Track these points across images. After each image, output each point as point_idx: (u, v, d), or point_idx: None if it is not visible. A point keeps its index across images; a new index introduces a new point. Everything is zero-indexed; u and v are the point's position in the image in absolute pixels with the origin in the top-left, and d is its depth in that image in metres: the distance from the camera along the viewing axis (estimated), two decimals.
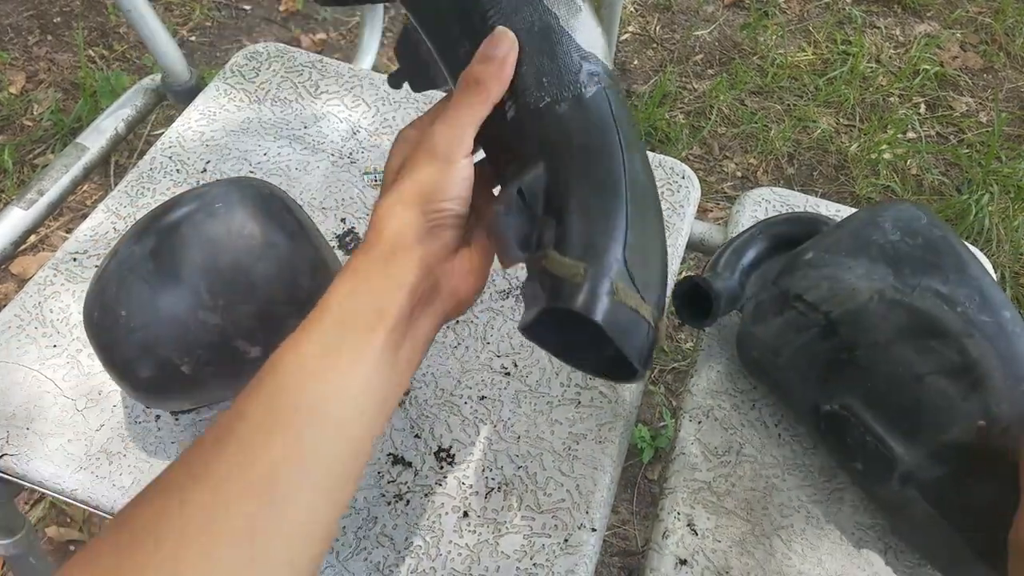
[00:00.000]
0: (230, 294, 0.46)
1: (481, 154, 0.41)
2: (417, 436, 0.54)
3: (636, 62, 1.60)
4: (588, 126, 0.38)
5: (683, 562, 0.50)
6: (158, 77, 0.77)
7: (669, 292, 0.62)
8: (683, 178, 0.69)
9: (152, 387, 0.48)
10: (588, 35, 0.39)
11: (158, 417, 0.54)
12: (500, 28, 0.38)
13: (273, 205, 0.49)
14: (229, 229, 0.47)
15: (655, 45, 1.64)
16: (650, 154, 0.71)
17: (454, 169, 0.37)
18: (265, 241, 0.47)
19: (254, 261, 0.47)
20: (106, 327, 0.47)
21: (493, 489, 0.52)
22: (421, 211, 0.37)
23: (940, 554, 0.48)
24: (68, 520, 1.01)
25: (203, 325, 0.46)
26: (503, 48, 0.38)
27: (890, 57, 1.63)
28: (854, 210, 0.61)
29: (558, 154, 0.38)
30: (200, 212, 0.47)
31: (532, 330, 0.37)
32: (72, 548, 0.99)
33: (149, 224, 0.47)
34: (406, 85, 0.44)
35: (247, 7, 1.64)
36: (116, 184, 0.67)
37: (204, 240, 0.46)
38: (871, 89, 1.56)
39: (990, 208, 1.34)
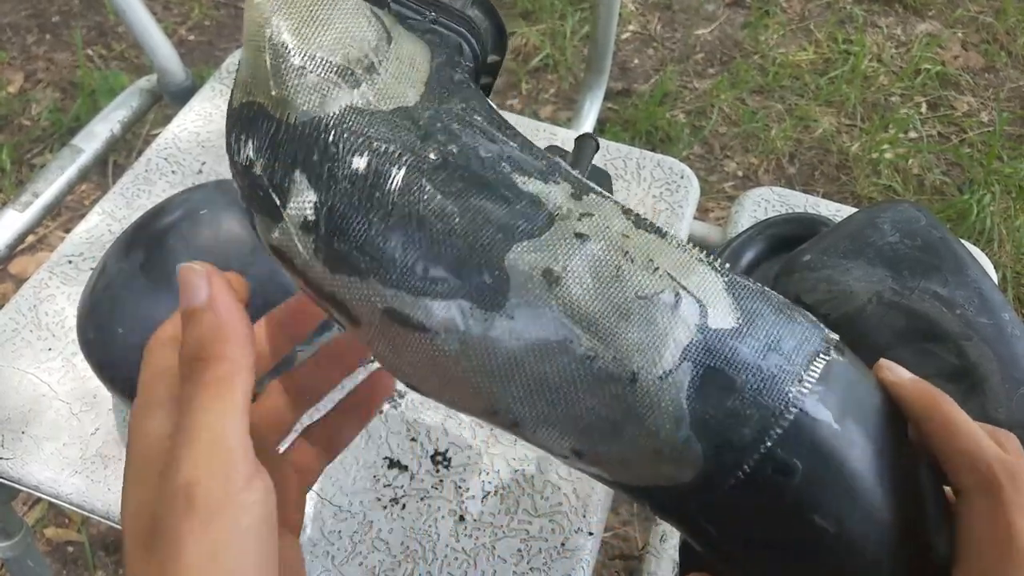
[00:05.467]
0: None
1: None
2: (413, 439, 0.53)
3: (636, 61, 1.60)
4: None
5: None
6: (154, 78, 0.77)
7: None
8: (682, 178, 0.69)
9: None
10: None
11: None
12: (183, 265, 0.26)
13: None
14: (217, 235, 0.46)
15: (655, 44, 1.64)
16: (650, 153, 0.70)
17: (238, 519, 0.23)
18: (255, 243, 0.47)
19: (246, 265, 0.47)
20: (103, 346, 0.47)
21: (490, 493, 0.51)
22: None
23: None
24: (66, 521, 1.01)
25: None
26: (198, 288, 0.26)
27: (891, 56, 1.62)
28: (854, 210, 0.60)
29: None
30: (186, 220, 0.46)
31: None
32: (70, 549, 0.99)
33: (135, 236, 0.47)
34: None
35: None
36: (115, 184, 0.66)
37: (193, 248, 0.46)
38: (872, 88, 1.56)
39: (992, 208, 1.34)
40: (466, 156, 0.24)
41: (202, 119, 0.70)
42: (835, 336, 0.25)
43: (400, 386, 0.55)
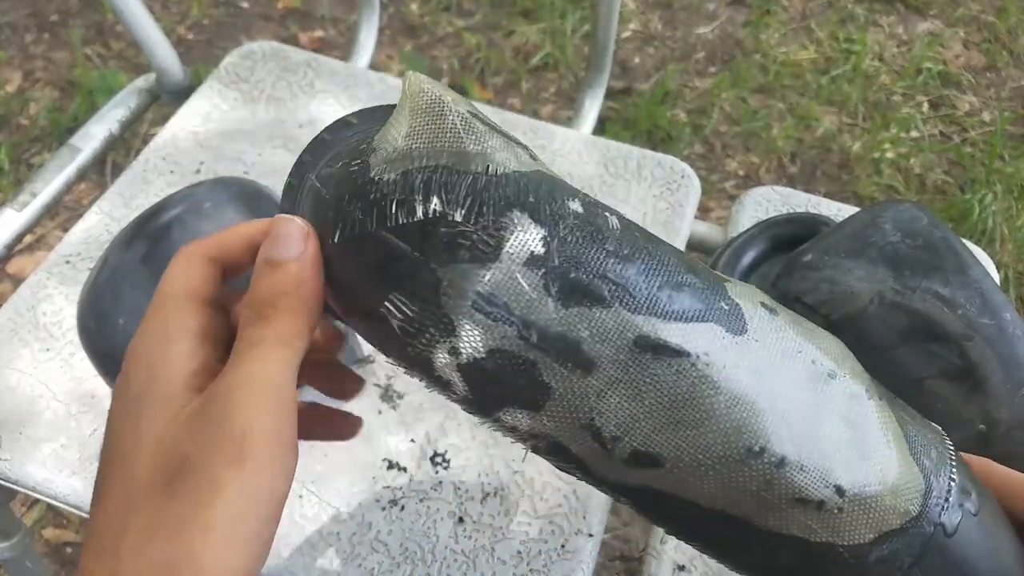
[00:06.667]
0: (229, 292, 0.46)
1: None
2: (412, 440, 0.53)
3: (637, 60, 1.60)
4: None
5: (681, 568, 0.50)
6: (152, 77, 0.77)
7: None
8: (683, 177, 0.68)
9: None
10: None
11: None
12: (283, 216, 0.25)
13: (261, 202, 0.49)
14: (220, 228, 0.46)
15: (656, 43, 1.63)
16: (650, 153, 0.70)
17: (275, 470, 0.23)
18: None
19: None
20: (104, 337, 0.47)
21: (489, 494, 0.51)
22: None
23: None
24: (65, 522, 1.00)
25: None
26: (293, 240, 0.25)
27: (893, 55, 1.62)
28: (856, 209, 0.60)
29: None
30: (189, 213, 0.46)
31: None
32: (68, 550, 0.99)
33: (137, 229, 0.47)
34: None
35: (244, 4, 1.63)
36: (113, 184, 0.66)
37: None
38: (874, 87, 1.55)
39: (993, 208, 1.33)
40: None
41: (200, 118, 0.70)
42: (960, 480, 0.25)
43: (399, 386, 0.55)
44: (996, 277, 0.57)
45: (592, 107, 0.85)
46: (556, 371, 0.22)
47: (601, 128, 1.43)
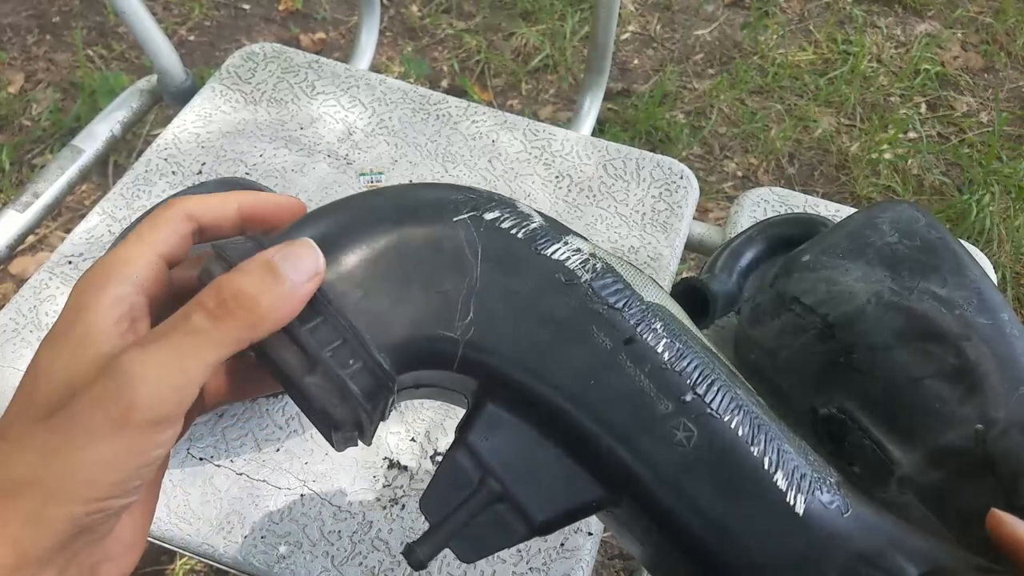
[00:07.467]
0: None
1: None
2: (412, 440, 0.53)
3: (636, 62, 1.60)
4: None
5: None
6: (154, 78, 0.77)
7: None
8: (682, 178, 0.69)
9: None
10: None
11: None
12: (307, 240, 0.26)
13: None
14: None
15: (655, 45, 1.64)
16: (649, 154, 0.70)
17: (154, 440, 0.23)
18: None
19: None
20: None
21: None
22: (69, 519, 0.22)
23: None
24: None
25: None
26: (305, 267, 0.25)
27: (891, 57, 1.62)
28: (854, 210, 0.61)
29: None
30: None
31: None
32: None
33: None
34: None
35: (246, 6, 1.64)
36: (115, 185, 0.67)
37: None
38: (872, 89, 1.56)
39: (991, 208, 1.34)
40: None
41: (202, 120, 0.70)
42: None
43: None
44: (994, 277, 0.57)
45: (591, 108, 0.85)
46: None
47: (600, 129, 1.43)
